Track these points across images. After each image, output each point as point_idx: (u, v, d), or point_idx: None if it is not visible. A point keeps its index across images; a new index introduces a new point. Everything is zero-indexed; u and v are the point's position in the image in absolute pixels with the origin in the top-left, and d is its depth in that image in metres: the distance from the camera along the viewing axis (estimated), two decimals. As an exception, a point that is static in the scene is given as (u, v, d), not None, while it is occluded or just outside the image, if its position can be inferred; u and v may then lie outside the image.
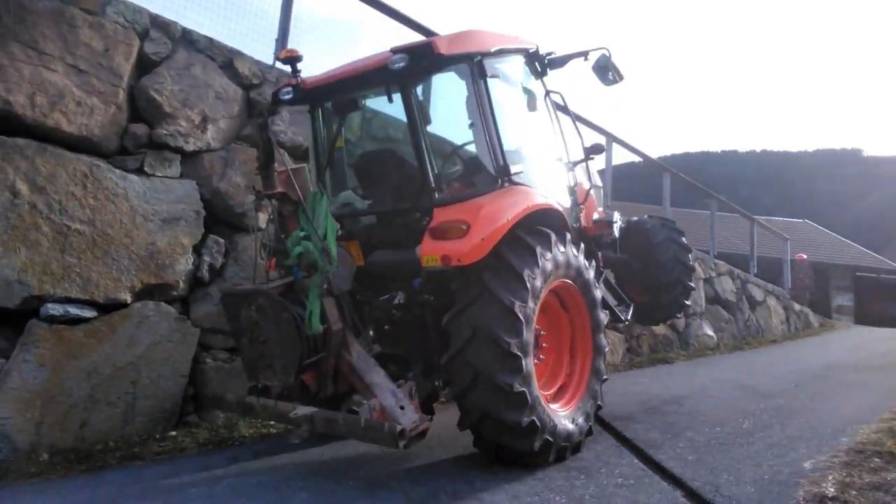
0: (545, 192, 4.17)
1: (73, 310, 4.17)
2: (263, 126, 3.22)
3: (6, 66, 4.03)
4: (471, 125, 3.93)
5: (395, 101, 4.48)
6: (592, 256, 4.32)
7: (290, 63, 3.80)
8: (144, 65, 4.82)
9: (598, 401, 4.28)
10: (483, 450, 3.74)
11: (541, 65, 4.59)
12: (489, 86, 3.88)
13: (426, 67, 3.66)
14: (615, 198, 9.62)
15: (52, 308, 4.07)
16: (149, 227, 4.61)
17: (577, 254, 4.12)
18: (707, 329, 10.23)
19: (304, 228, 3.28)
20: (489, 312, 3.44)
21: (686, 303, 5.80)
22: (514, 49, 4.30)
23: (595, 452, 4.04)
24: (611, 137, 9.16)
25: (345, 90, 4.05)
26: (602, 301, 4.46)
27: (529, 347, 3.56)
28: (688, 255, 5.73)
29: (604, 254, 5.22)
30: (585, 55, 4.60)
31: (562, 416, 3.88)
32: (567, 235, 4.05)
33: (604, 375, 4.36)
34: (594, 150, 4.88)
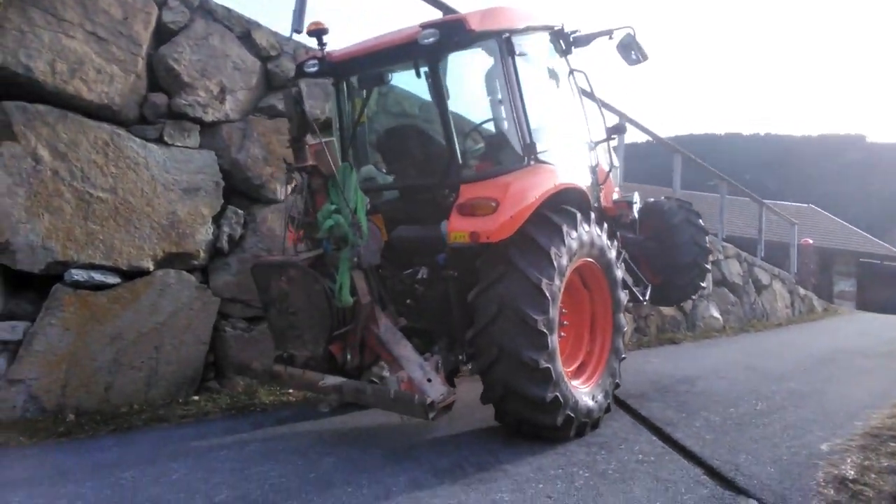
0: (568, 171, 4.15)
1: (97, 276, 4.19)
2: (298, 98, 3.19)
3: (27, 32, 3.98)
4: (498, 102, 3.90)
5: (411, 76, 4.48)
6: (613, 236, 4.32)
7: (317, 35, 3.75)
8: (162, 34, 4.77)
9: (617, 379, 4.32)
10: (505, 423, 3.79)
11: (566, 43, 4.53)
12: (517, 63, 3.83)
13: (456, 43, 3.62)
14: (623, 178, 9.58)
15: (77, 274, 4.09)
16: (169, 197, 4.61)
17: (601, 233, 4.12)
18: (714, 311, 10.28)
19: (334, 202, 3.27)
20: (516, 289, 3.46)
21: (702, 285, 5.82)
22: (541, 26, 4.24)
23: (613, 429, 4.09)
24: (624, 117, 9.09)
25: (371, 64, 4.00)
26: (622, 281, 4.47)
27: (555, 325, 3.58)
28: (704, 238, 5.73)
29: (621, 234, 5.22)
30: (610, 34, 4.54)
31: (583, 393, 3.92)
32: (592, 215, 4.05)
33: (622, 354, 4.40)
34: (616, 130, 4.85)
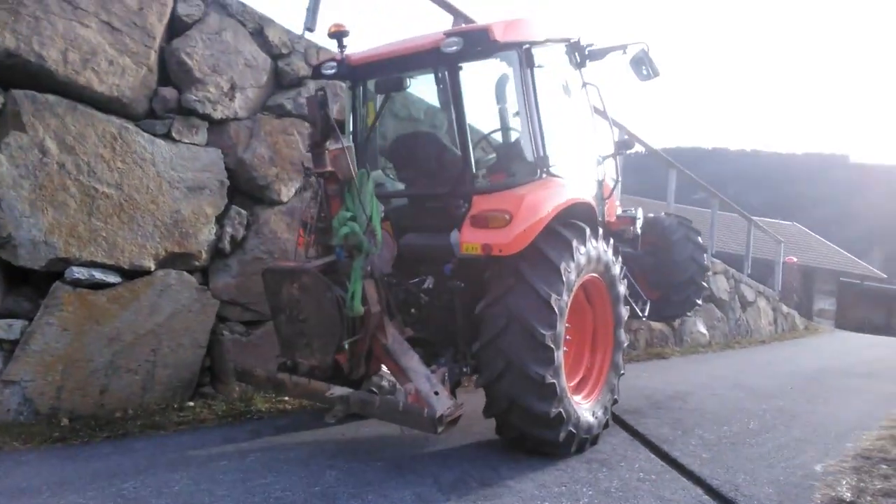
0: (577, 185, 4.19)
1: (98, 274, 4.13)
2: (323, 102, 3.17)
3: (41, 19, 3.92)
4: (514, 113, 3.92)
5: (419, 81, 4.48)
6: (617, 252, 4.36)
7: (338, 38, 3.75)
8: (176, 27, 4.73)
9: (615, 394, 4.36)
10: (505, 437, 3.80)
11: (580, 56, 4.57)
12: (535, 75, 3.86)
13: (478, 52, 3.63)
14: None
15: (78, 271, 4.03)
16: (174, 195, 4.56)
17: (607, 249, 4.15)
18: (701, 326, 10.40)
19: (350, 209, 3.26)
20: (525, 303, 3.47)
21: (698, 302, 5.89)
22: (559, 39, 4.27)
23: (612, 445, 4.12)
24: (623, 129, 9.16)
25: (391, 69, 4.00)
26: (624, 297, 4.51)
27: (561, 340, 3.61)
28: (703, 255, 5.80)
29: (621, 249, 5.26)
30: (624, 48, 4.58)
31: (584, 409, 3.94)
32: (599, 230, 4.08)
33: (621, 370, 4.43)
34: (624, 146, 4.89)
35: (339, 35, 3.73)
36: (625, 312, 4.46)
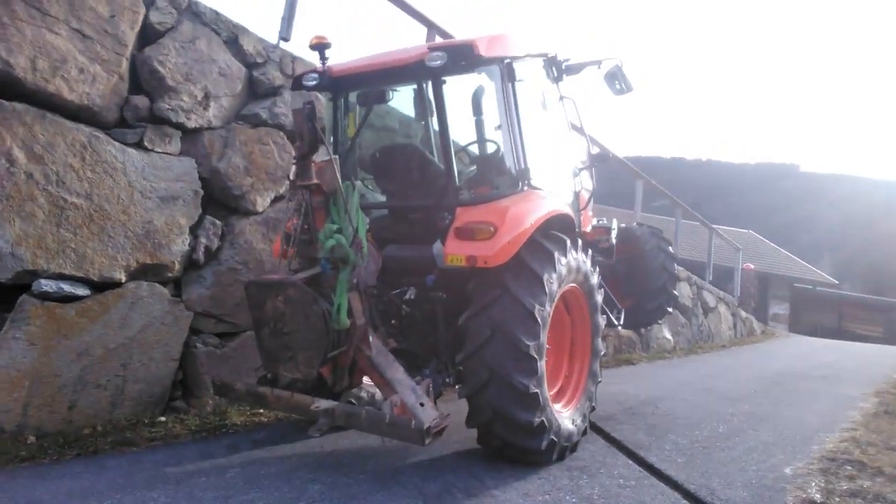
0: (557, 197, 4.26)
1: (67, 287, 4.00)
2: (311, 115, 3.15)
3: (7, 25, 3.80)
4: (496, 127, 3.97)
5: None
6: (595, 262, 4.45)
7: (320, 50, 3.73)
8: (148, 35, 4.63)
9: (593, 402, 4.44)
10: (487, 446, 3.82)
11: (558, 70, 4.66)
12: (516, 89, 3.92)
13: (462, 67, 3.68)
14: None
15: (46, 284, 3.89)
16: (146, 205, 4.46)
17: (586, 259, 4.24)
18: (666, 332, 10.65)
19: (336, 221, 3.24)
20: (510, 314, 3.51)
21: (669, 310, 6.04)
22: (537, 53, 4.35)
23: (590, 452, 4.18)
24: (593, 141, 9.34)
25: (373, 81, 4.01)
26: (601, 306, 4.60)
27: (544, 350, 3.66)
28: (674, 264, 5.96)
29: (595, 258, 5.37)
30: (599, 64, 4.70)
31: (564, 417, 4.00)
32: (578, 241, 4.16)
33: (599, 377, 4.52)
34: (600, 158, 5.00)
35: (321, 47, 3.72)
36: (602, 321, 4.55)
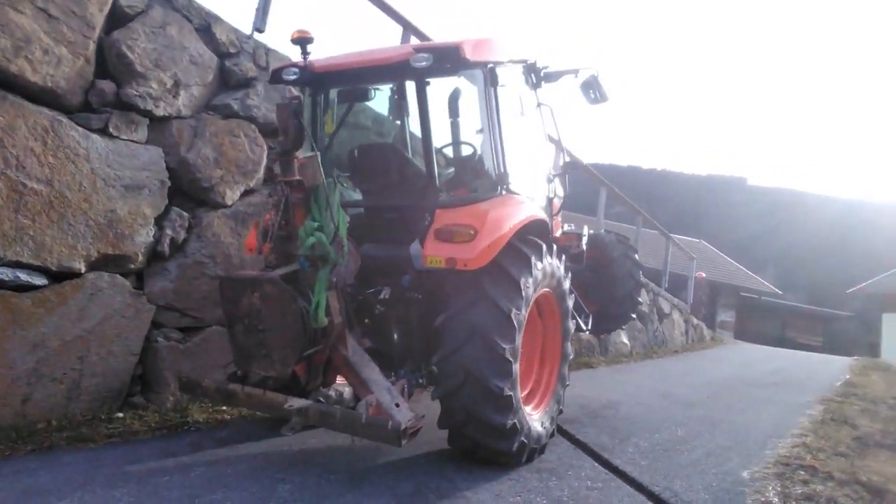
0: (533, 202, 4.31)
1: (23, 276, 3.81)
2: (297, 110, 3.08)
3: (-32, 0, 3.60)
4: (479, 130, 3.98)
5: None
6: (568, 268, 4.52)
7: (301, 44, 3.66)
8: (117, 17, 4.45)
9: (561, 405, 4.50)
10: (458, 447, 3.82)
11: (536, 77, 4.71)
12: (497, 94, 3.95)
13: (447, 69, 3.67)
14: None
15: (2, 272, 3.70)
16: (109, 193, 4.29)
17: (560, 265, 4.30)
18: (623, 337, 10.90)
19: (317, 219, 3.19)
20: (486, 317, 3.53)
21: (633, 316, 6.19)
22: (518, 60, 4.39)
23: (557, 455, 4.24)
24: (562, 147, 9.47)
25: (356, 79, 3.96)
26: (571, 311, 4.67)
27: (518, 353, 3.69)
28: (640, 272, 6.10)
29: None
30: (576, 72, 4.77)
31: (534, 420, 4.05)
32: (554, 246, 4.22)
33: (567, 381, 4.59)
34: (572, 166, 5.08)
35: (304, 41, 3.65)
36: (572, 326, 4.63)
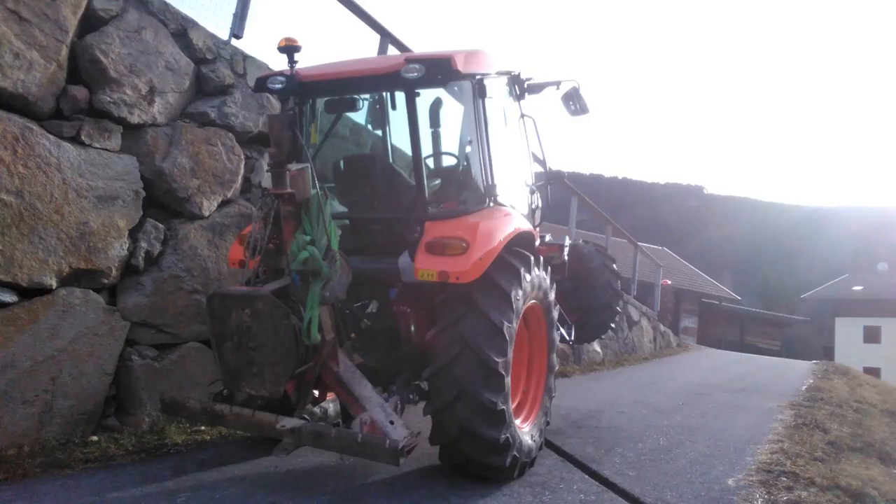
0: (519, 214, 4.31)
1: (-8, 293, 3.61)
2: (293, 121, 2.99)
3: (-67, 1, 3.41)
4: (469, 142, 3.96)
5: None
6: (553, 280, 4.52)
7: (288, 52, 3.57)
8: (91, 21, 4.29)
9: (548, 417, 4.49)
10: (449, 462, 3.76)
11: (520, 88, 4.72)
12: (486, 106, 3.94)
13: (438, 80, 3.64)
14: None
15: (-31, 290, 3.50)
16: (82, 205, 4.11)
17: (546, 276, 4.29)
18: (596, 346, 11.01)
19: (308, 232, 3.10)
20: (478, 330, 3.49)
21: (612, 325, 6.24)
22: (504, 71, 4.39)
23: (546, 467, 4.22)
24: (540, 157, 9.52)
25: (344, 89, 3.89)
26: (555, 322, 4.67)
27: (510, 367, 3.66)
28: (618, 282, 6.16)
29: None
30: (558, 84, 4.80)
31: (524, 433, 4.02)
32: (541, 258, 4.21)
33: (553, 392, 4.58)
34: (555, 177, 5.10)
35: (291, 49, 3.56)
36: (557, 337, 4.63)
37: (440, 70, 3.51)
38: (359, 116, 5.63)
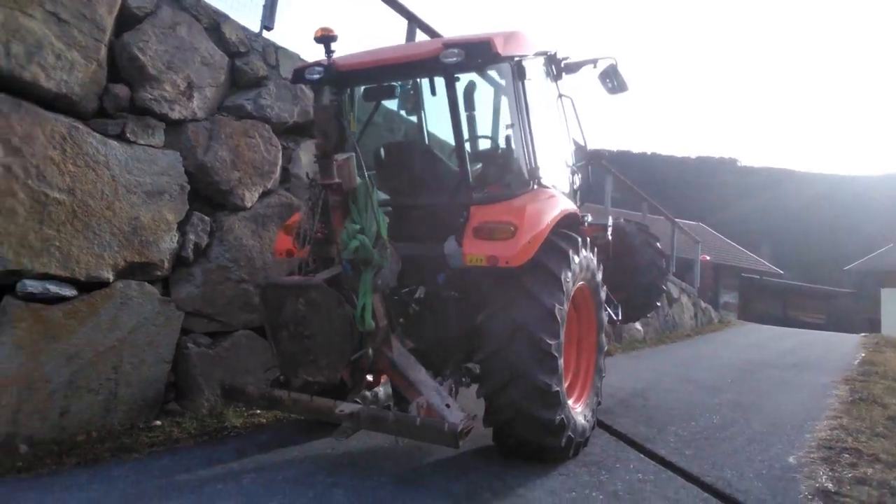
0: (564, 195, 4.24)
1: (53, 287, 3.71)
2: (338, 111, 2.98)
3: (-22, 7, 3.47)
4: (510, 125, 3.89)
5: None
6: (600, 260, 4.45)
7: (325, 42, 3.53)
8: (126, 20, 4.33)
9: (599, 397, 4.45)
10: (504, 444, 3.76)
11: (557, 68, 4.63)
12: (525, 88, 3.86)
13: (478, 64, 3.58)
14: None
15: (31, 285, 3.60)
16: (131, 200, 4.18)
17: (593, 257, 4.23)
18: (636, 324, 10.87)
19: (357, 221, 3.10)
20: (530, 314, 3.46)
21: (658, 304, 6.13)
22: (542, 52, 4.30)
23: (600, 447, 4.19)
24: (580, 136, 9.38)
25: (381, 76, 3.86)
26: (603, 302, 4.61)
27: (562, 348, 3.63)
28: (662, 260, 6.04)
29: None
30: (595, 62, 4.69)
31: (577, 413, 3.99)
32: (587, 239, 4.14)
33: (603, 372, 4.53)
34: (595, 157, 5.00)
35: (327, 39, 3.52)
36: (605, 317, 4.56)
37: (480, 53, 3.45)
38: (391, 103, 5.62)
